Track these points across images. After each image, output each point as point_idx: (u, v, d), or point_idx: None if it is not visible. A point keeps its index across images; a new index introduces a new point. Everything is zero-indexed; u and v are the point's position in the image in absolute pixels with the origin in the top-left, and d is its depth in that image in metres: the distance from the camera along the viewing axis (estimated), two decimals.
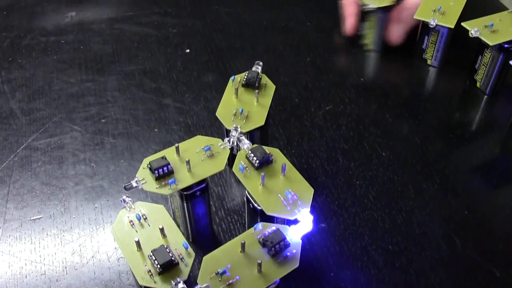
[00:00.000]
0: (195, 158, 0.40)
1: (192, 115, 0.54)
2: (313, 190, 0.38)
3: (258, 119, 0.43)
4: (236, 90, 0.45)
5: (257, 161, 0.39)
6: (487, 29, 0.53)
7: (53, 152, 0.51)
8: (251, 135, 0.44)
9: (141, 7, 0.70)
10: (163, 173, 0.38)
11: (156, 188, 0.38)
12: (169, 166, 0.38)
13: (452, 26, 0.56)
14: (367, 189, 0.48)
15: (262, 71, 0.47)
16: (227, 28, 0.66)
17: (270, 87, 0.46)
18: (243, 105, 0.44)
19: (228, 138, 0.41)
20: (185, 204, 0.40)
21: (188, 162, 0.38)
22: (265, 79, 0.46)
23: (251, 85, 0.45)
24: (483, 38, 0.53)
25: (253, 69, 0.47)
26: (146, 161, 0.39)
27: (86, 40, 0.64)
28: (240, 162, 0.39)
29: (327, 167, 0.50)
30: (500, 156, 0.52)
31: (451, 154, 0.52)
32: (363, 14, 0.59)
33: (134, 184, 0.38)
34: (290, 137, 0.53)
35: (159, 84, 0.58)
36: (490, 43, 0.52)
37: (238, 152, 0.40)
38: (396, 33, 0.61)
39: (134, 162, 0.50)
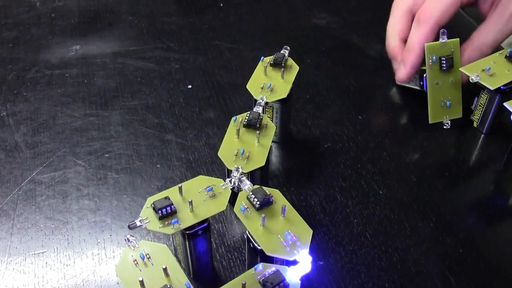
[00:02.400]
0: (198, 198, 0.41)
1: (194, 152, 0.56)
2: (311, 231, 0.39)
3: (259, 160, 0.44)
4: (238, 130, 0.46)
5: (258, 203, 0.40)
6: (485, 73, 0.54)
7: (57, 186, 0.52)
8: (251, 174, 0.45)
9: (144, 41, 0.71)
10: (166, 213, 0.39)
11: (160, 227, 0.39)
12: (172, 206, 0.39)
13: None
14: (364, 227, 0.49)
15: (263, 111, 0.48)
16: (228, 64, 0.67)
17: (271, 128, 0.47)
18: (245, 145, 0.45)
19: (229, 179, 0.42)
20: (187, 243, 0.41)
21: (190, 203, 0.40)
22: (266, 119, 0.47)
23: (253, 125, 0.47)
24: (483, 83, 0.53)
25: (254, 109, 0.48)
26: (149, 200, 0.40)
27: (90, 74, 0.66)
28: (241, 202, 0.40)
29: (325, 204, 0.51)
30: (495, 195, 0.53)
31: (447, 192, 0.53)
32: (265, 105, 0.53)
33: (138, 223, 0.39)
34: (289, 175, 0.54)
35: (162, 120, 0.59)
36: (491, 88, 0.53)
37: (239, 193, 0.41)
38: None
39: (137, 197, 0.51)
